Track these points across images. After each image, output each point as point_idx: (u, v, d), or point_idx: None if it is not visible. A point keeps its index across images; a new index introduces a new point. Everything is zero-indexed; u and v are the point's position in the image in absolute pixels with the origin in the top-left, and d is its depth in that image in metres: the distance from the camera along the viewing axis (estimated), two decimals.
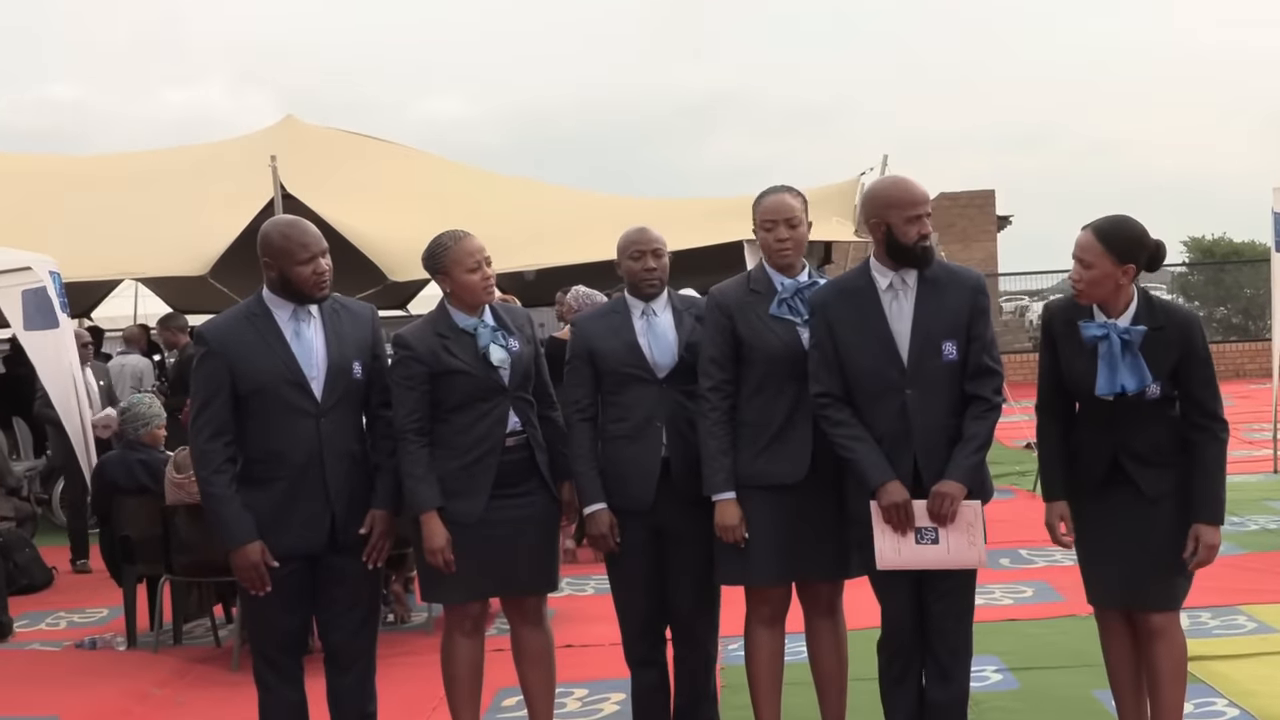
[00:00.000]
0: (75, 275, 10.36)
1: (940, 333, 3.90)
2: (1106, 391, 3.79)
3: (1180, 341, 3.80)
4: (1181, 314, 3.92)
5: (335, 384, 4.01)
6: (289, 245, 3.96)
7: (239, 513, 3.92)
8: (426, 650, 5.95)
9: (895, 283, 3.94)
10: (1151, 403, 3.82)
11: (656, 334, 4.27)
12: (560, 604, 6.85)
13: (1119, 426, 3.85)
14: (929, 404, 3.89)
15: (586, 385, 4.30)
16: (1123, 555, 3.88)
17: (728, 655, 4.49)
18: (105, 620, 7.33)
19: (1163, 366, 3.78)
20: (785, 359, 4.06)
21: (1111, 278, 3.77)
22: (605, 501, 4.23)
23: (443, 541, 4.08)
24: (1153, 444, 3.84)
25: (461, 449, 4.13)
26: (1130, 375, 3.76)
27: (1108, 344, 3.77)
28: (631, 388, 4.24)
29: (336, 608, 4.09)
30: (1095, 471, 3.90)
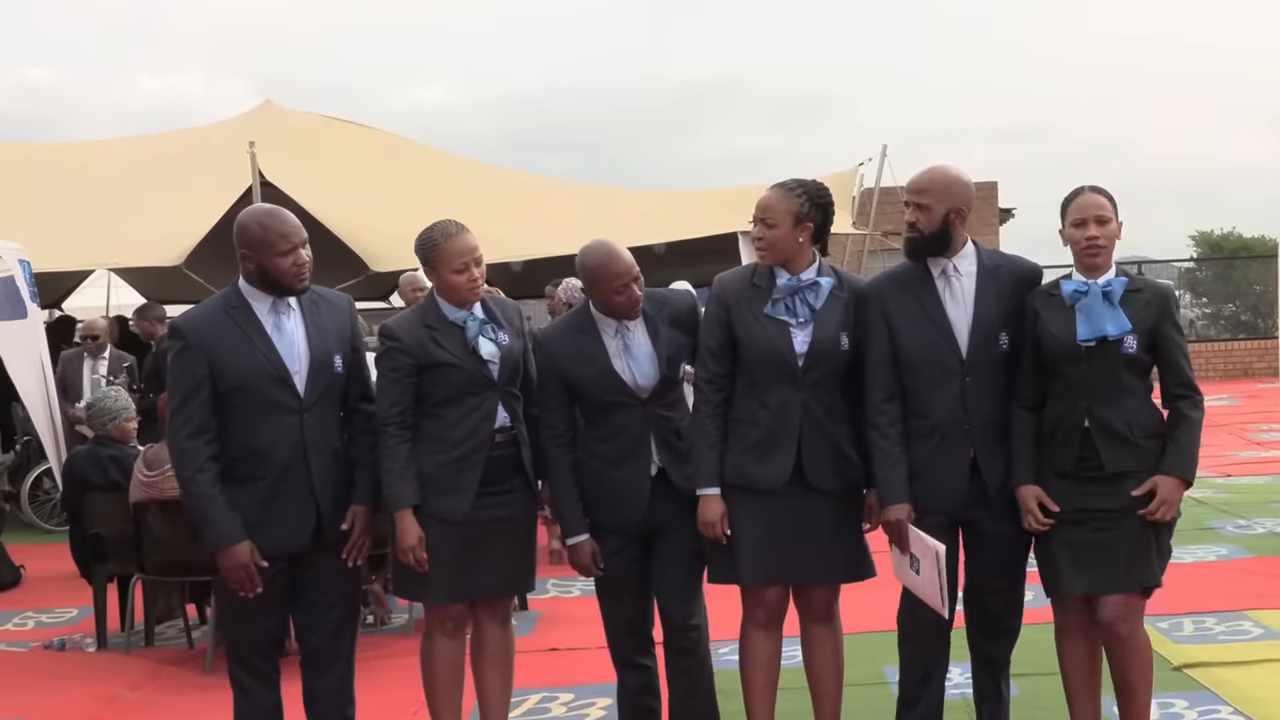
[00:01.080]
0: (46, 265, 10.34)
1: (998, 322, 4.03)
2: (1086, 336, 3.89)
3: (1158, 304, 3.95)
4: (1159, 284, 4.12)
5: (318, 378, 4.01)
6: (268, 236, 3.94)
7: (225, 512, 3.90)
8: (407, 652, 5.93)
9: (948, 270, 4.06)
10: (1126, 369, 3.91)
11: (634, 355, 4.22)
12: (545, 606, 6.87)
13: (1091, 393, 3.92)
14: (986, 393, 4.03)
15: (561, 410, 4.26)
16: (1084, 545, 3.94)
17: (719, 659, 4.48)
18: (75, 620, 7.31)
19: (1140, 324, 3.91)
20: (772, 361, 4.06)
21: (1118, 230, 3.99)
22: (588, 532, 4.24)
23: (415, 540, 4.08)
24: (1125, 417, 3.91)
25: (449, 444, 4.13)
26: (1111, 321, 3.89)
27: (1087, 297, 3.91)
28: (616, 412, 4.22)
29: (315, 608, 4.09)
30: (1065, 453, 3.96)
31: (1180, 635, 5.72)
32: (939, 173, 4.08)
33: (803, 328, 4.06)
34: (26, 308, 8.61)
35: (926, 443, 4.07)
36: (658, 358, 4.22)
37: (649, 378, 4.21)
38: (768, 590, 4.16)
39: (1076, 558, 3.97)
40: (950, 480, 4.06)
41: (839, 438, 4.11)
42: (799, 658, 4.36)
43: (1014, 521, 4.10)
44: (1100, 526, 3.93)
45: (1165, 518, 3.91)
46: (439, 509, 4.11)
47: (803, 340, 4.06)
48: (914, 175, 4.11)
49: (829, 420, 4.09)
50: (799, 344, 4.06)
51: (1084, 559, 3.96)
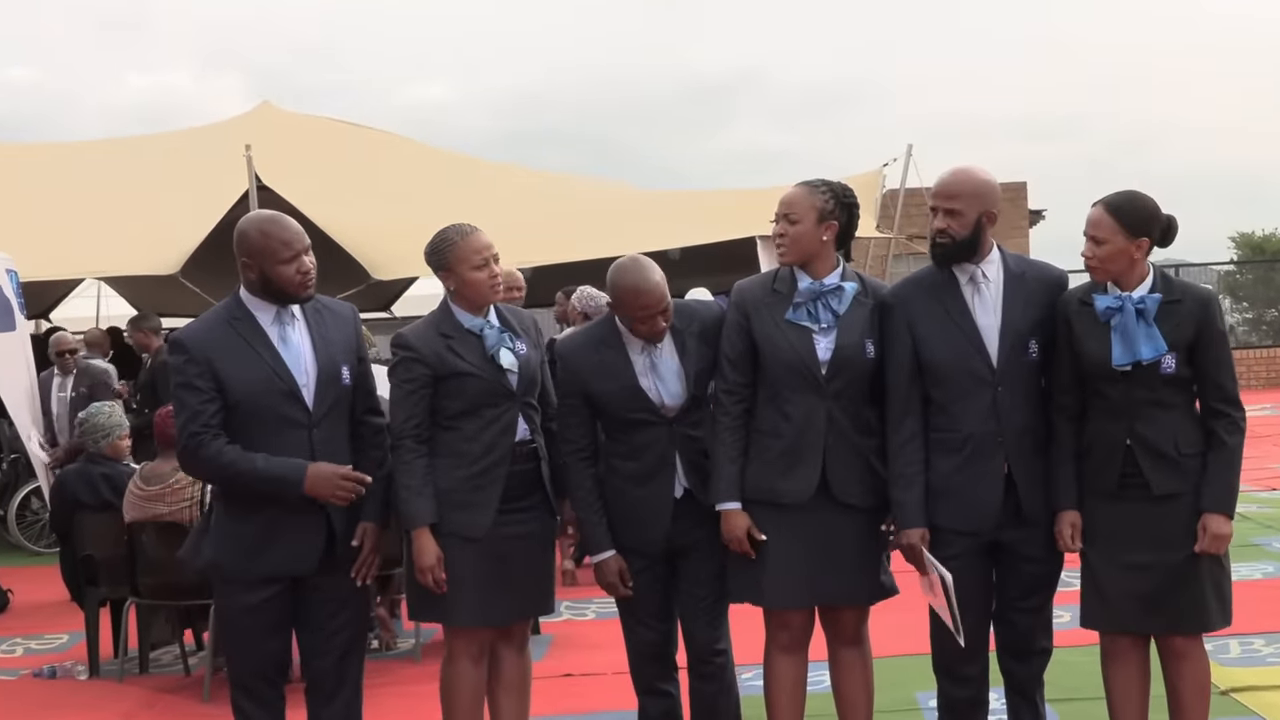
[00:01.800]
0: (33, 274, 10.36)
1: (1027, 330, 4.04)
2: (1123, 361, 3.86)
3: (1197, 315, 3.88)
4: (1199, 290, 4.02)
5: (326, 391, 4.01)
6: (269, 244, 3.94)
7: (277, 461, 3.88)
8: (413, 679, 5.96)
9: (976, 276, 4.05)
10: (1166, 386, 3.87)
11: (661, 373, 4.22)
12: (559, 629, 6.86)
13: (1132, 413, 3.90)
14: (1019, 402, 4.04)
15: (583, 425, 4.27)
16: (1139, 570, 3.91)
17: (744, 685, 4.46)
18: (65, 647, 7.30)
19: (1178, 339, 3.86)
20: (795, 369, 4.06)
21: (1125, 253, 3.89)
22: (613, 548, 4.24)
23: (434, 559, 4.07)
24: (1167, 435, 3.89)
25: (469, 458, 4.13)
26: (1146, 343, 3.85)
27: (1121, 315, 3.87)
28: (640, 430, 4.23)
29: (322, 631, 4.08)
30: (1108, 472, 3.94)
31: (1227, 658, 5.69)
32: (968, 175, 4.07)
33: (825, 334, 4.07)
34: (15, 319, 8.62)
35: (956, 457, 4.06)
36: (685, 375, 4.22)
37: (676, 396, 4.21)
38: (792, 612, 4.15)
39: (1127, 592, 3.94)
40: (983, 497, 4.05)
41: (866, 450, 4.10)
42: (826, 683, 4.36)
43: (1048, 541, 4.09)
44: (1151, 560, 3.89)
45: (1215, 552, 3.89)
46: (459, 526, 4.11)
47: (826, 347, 4.06)
48: (941, 179, 4.09)
49: (855, 431, 4.09)
50: (822, 351, 4.05)
51: (1135, 594, 3.92)
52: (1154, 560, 3.89)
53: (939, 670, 4.28)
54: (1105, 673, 4.11)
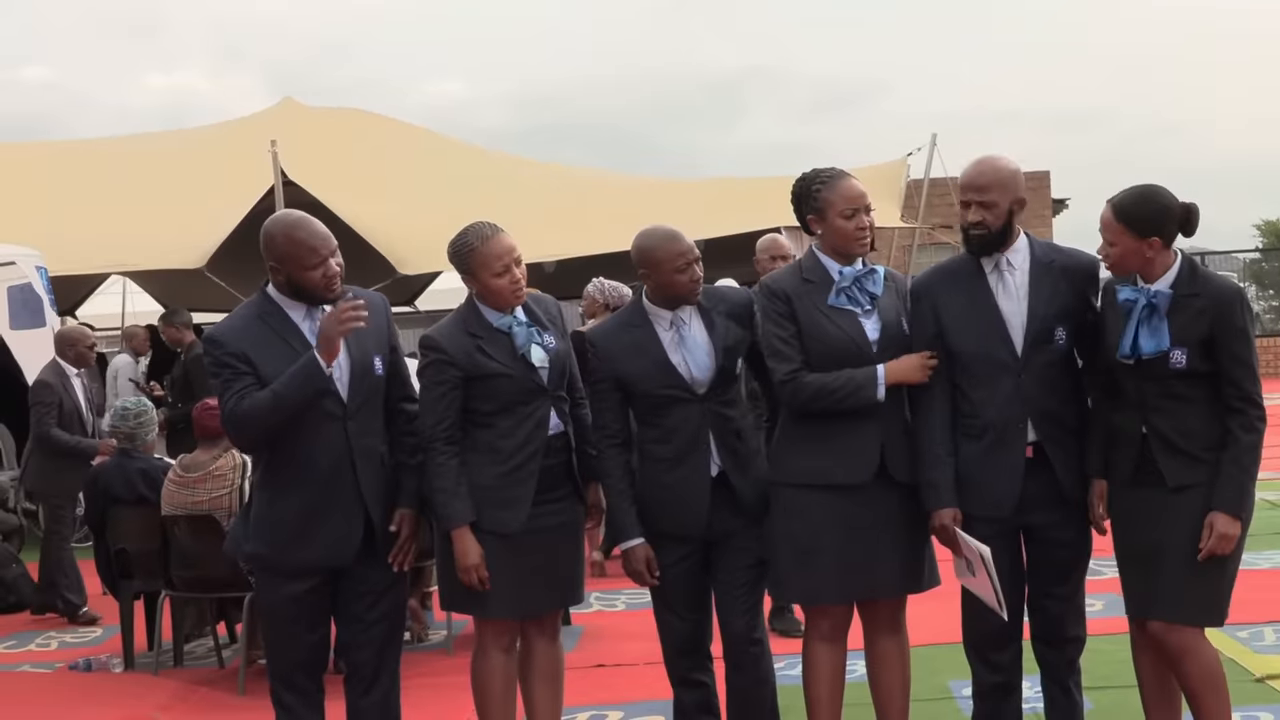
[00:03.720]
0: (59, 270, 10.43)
1: (1054, 316, 4.05)
2: (1125, 353, 3.89)
3: (1212, 311, 3.84)
4: (1220, 284, 3.97)
5: (360, 383, 4.04)
6: (296, 250, 3.97)
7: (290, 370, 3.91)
8: (446, 671, 5.98)
9: (1001, 264, 4.09)
10: (1181, 379, 3.86)
11: (690, 347, 4.23)
12: (589, 620, 6.88)
13: (1146, 404, 3.91)
14: (1043, 389, 4.06)
15: (615, 410, 4.28)
16: (1144, 558, 3.94)
17: (780, 675, 4.47)
18: (100, 640, 7.36)
19: (1190, 334, 3.84)
20: (848, 350, 4.08)
21: (1136, 253, 3.89)
22: (642, 536, 4.25)
23: (477, 559, 4.09)
24: (1181, 428, 3.88)
25: (504, 454, 4.15)
26: (1148, 337, 3.86)
27: (1134, 309, 3.89)
28: (671, 409, 4.24)
29: (360, 622, 4.11)
30: (1125, 461, 3.97)
31: (1261, 645, 5.68)
32: (995, 166, 4.09)
33: (869, 316, 4.11)
34: (45, 316, 8.68)
35: (978, 444, 4.09)
36: (714, 349, 4.23)
37: (705, 370, 4.22)
38: (838, 604, 4.16)
39: (1137, 577, 3.97)
40: (1003, 484, 4.07)
41: (911, 427, 4.14)
42: (860, 671, 4.36)
43: (1077, 525, 4.12)
44: (1157, 548, 3.90)
45: (1223, 554, 3.86)
46: (495, 523, 4.13)
47: (873, 327, 4.11)
48: (968, 172, 4.12)
49: (903, 408, 4.13)
50: (870, 331, 4.10)
51: (1143, 578, 3.95)
52: (1159, 548, 3.90)
53: (972, 656, 4.30)
54: (1135, 661, 4.13)
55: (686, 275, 4.20)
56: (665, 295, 4.25)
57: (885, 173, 11.92)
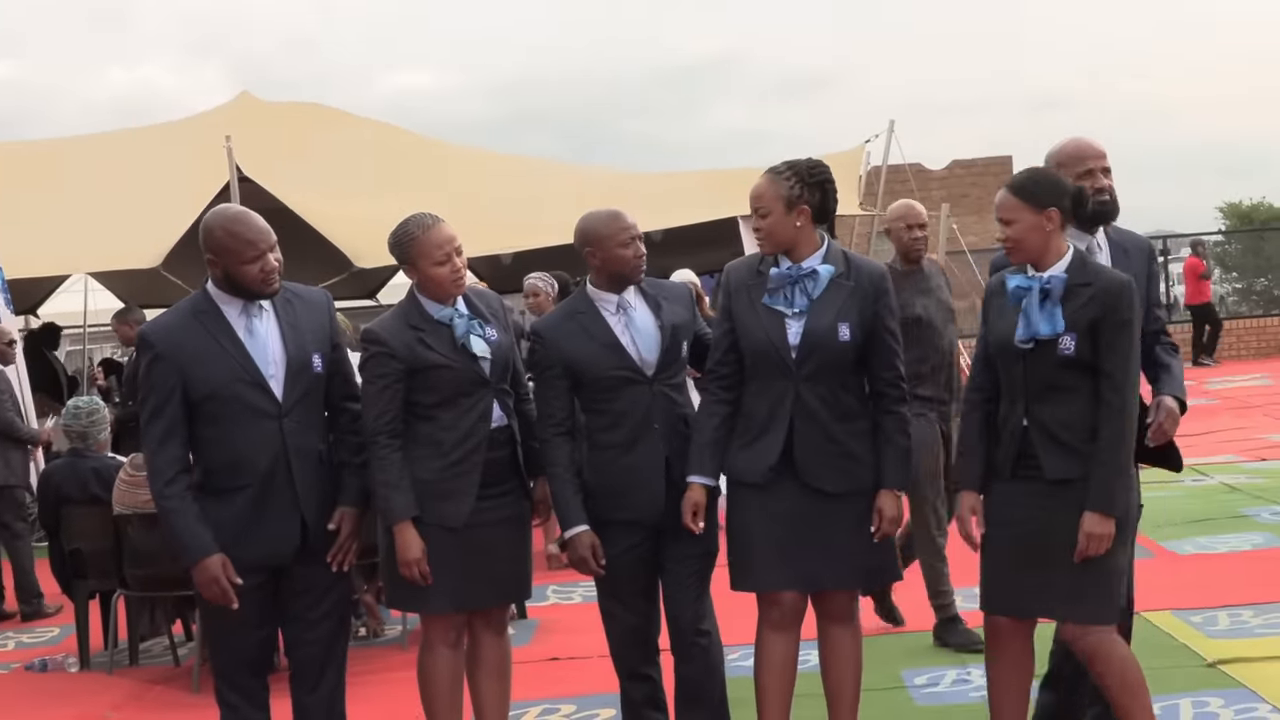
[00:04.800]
0: (18, 272, 10.36)
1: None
2: (1023, 336, 3.85)
3: (1103, 299, 3.81)
4: (1112, 275, 3.94)
5: (296, 381, 4.01)
6: (234, 243, 3.95)
7: (196, 525, 3.92)
8: (402, 665, 5.95)
9: (1091, 247, 4.14)
10: (1066, 369, 3.82)
11: (638, 328, 4.24)
12: (545, 614, 6.87)
13: (1030, 394, 3.87)
14: None
15: (562, 398, 4.26)
16: (1024, 555, 3.87)
17: (731, 666, 4.47)
18: (56, 640, 7.33)
19: (1080, 321, 3.81)
20: (764, 352, 4.05)
21: (1037, 229, 3.86)
22: (587, 523, 4.22)
23: (419, 553, 4.08)
24: (1063, 419, 3.84)
25: (446, 447, 4.13)
26: (1045, 321, 3.83)
27: (1029, 296, 3.86)
28: (620, 392, 4.22)
29: (304, 621, 4.09)
30: (1005, 453, 3.92)
31: (1215, 630, 5.70)
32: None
33: (797, 318, 4.05)
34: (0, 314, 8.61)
35: None
36: (661, 330, 4.25)
37: (653, 350, 4.23)
38: (783, 593, 4.13)
39: (1015, 576, 3.90)
40: None
41: (840, 435, 4.06)
42: (814, 661, 4.35)
43: None
44: (1038, 544, 3.84)
45: (1094, 554, 3.79)
46: (439, 516, 4.12)
47: (796, 331, 4.05)
48: (1083, 144, 4.21)
49: (828, 414, 4.05)
50: (792, 335, 4.04)
51: (1025, 578, 3.88)
52: (1042, 546, 3.84)
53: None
54: (988, 659, 4.04)
55: (630, 250, 4.22)
56: (610, 273, 4.25)
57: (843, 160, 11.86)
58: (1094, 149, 4.13)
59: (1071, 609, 3.85)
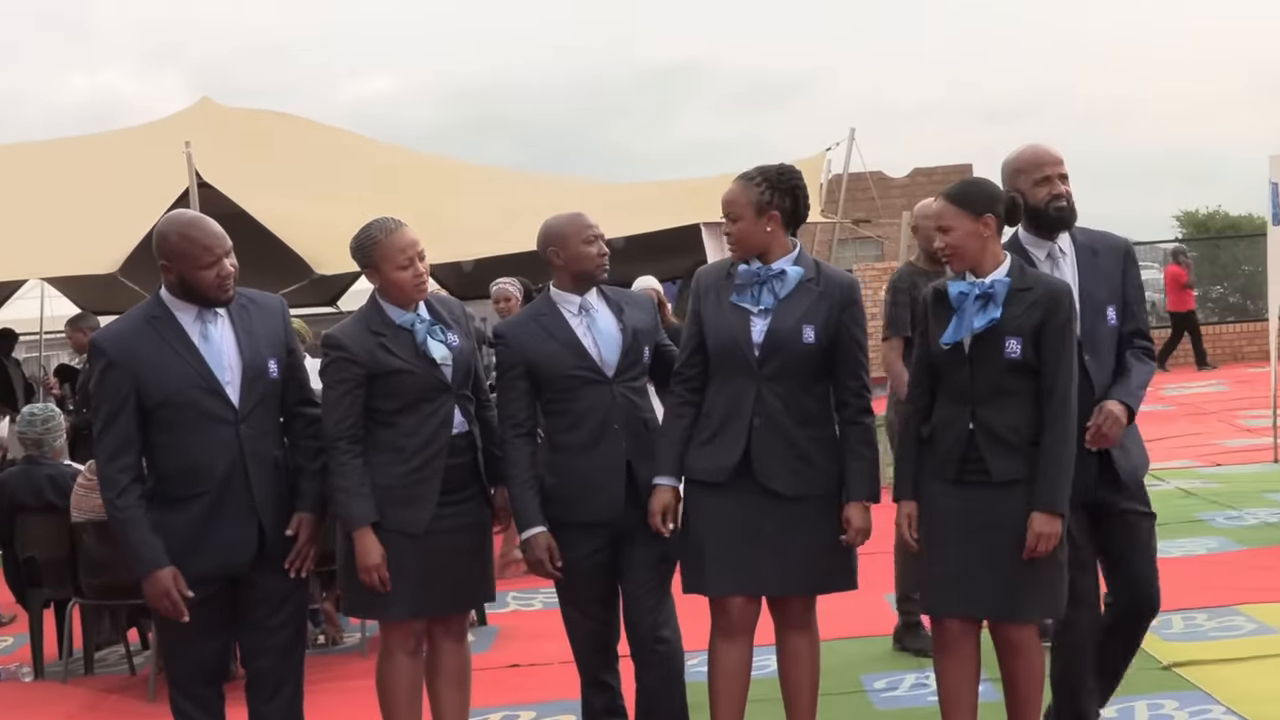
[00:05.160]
0: None
1: (1103, 297, 4.15)
2: (952, 338, 3.90)
3: (1046, 303, 3.89)
4: (1051, 280, 4.02)
5: (252, 386, 3.99)
6: (190, 248, 3.91)
7: (148, 536, 3.88)
8: (361, 674, 5.90)
9: (1053, 252, 4.16)
10: (1011, 373, 3.88)
11: (600, 329, 4.26)
12: (505, 620, 6.85)
13: (976, 398, 3.91)
14: (1103, 369, 4.12)
15: (522, 399, 4.28)
16: (971, 556, 3.92)
17: (690, 672, 4.46)
18: (10, 649, 7.25)
19: (1024, 325, 3.87)
20: (728, 349, 4.07)
21: (975, 235, 3.92)
22: (544, 525, 4.22)
23: (378, 559, 4.06)
24: (1009, 423, 3.89)
25: (407, 453, 4.12)
26: (980, 316, 3.88)
27: (967, 300, 3.91)
28: (581, 393, 4.23)
29: (261, 629, 4.05)
30: (951, 457, 3.95)
31: (1170, 633, 5.74)
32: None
33: (763, 316, 4.07)
34: None
35: None
36: (623, 333, 4.27)
37: (614, 351, 4.25)
38: (733, 598, 4.13)
39: (958, 577, 3.94)
40: (1080, 467, 3.99)
41: (799, 439, 4.08)
42: (772, 667, 4.35)
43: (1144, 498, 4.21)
44: (983, 546, 3.90)
45: (1044, 551, 3.86)
46: (399, 522, 4.10)
47: (761, 329, 4.06)
48: (1040, 151, 4.20)
49: (787, 417, 4.06)
50: (756, 333, 4.06)
51: (971, 580, 3.93)
52: (986, 546, 3.89)
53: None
54: (936, 661, 4.11)
55: (594, 248, 4.26)
56: (574, 273, 4.27)
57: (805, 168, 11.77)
58: (1051, 155, 4.16)
59: (1017, 608, 3.92)
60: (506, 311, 8.26)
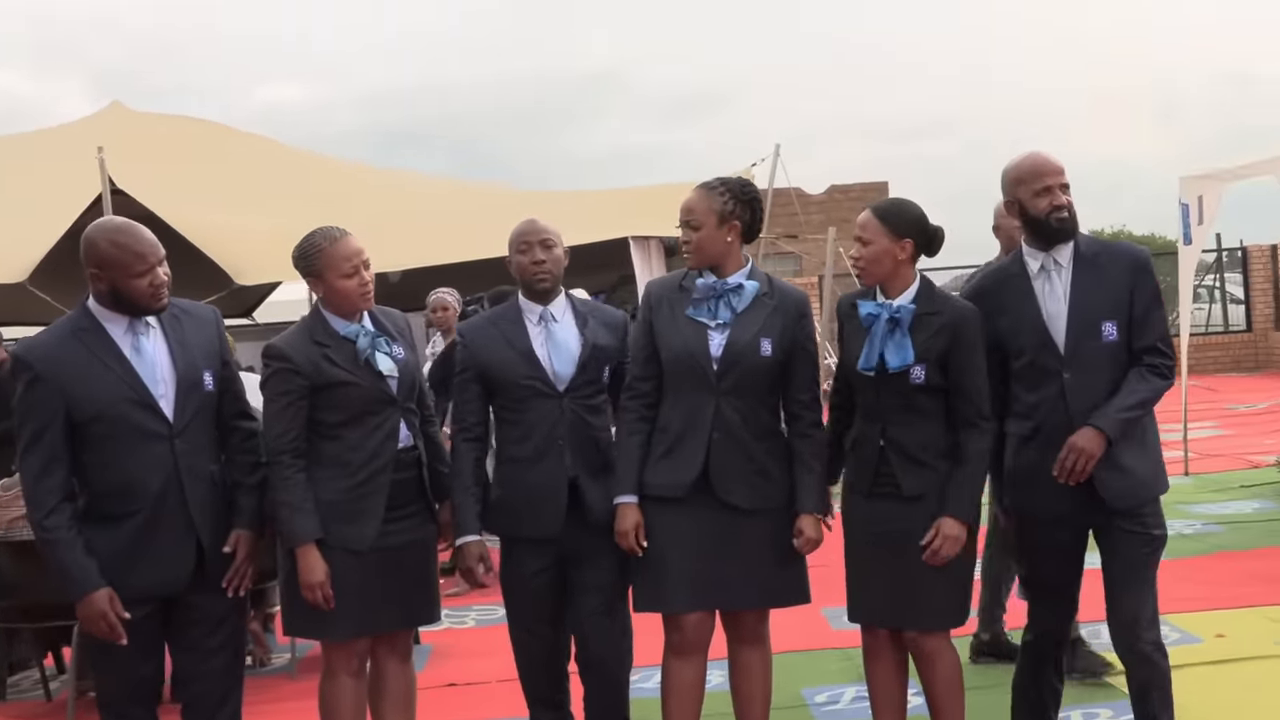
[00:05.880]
0: None
1: (1099, 312, 3.97)
2: (865, 366, 3.97)
3: (952, 329, 3.96)
4: (960, 305, 4.07)
5: (187, 400, 3.86)
6: (122, 256, 3.77)
7: (81, 557, 3.73)
8: (289, 695, 5.81)
9: (1047, 264, 4.05)
10: (919, 393, 3.95)
11: (556, 341, 4.22)
12: (438, 639, 6.73)
13: (885, 416, 3.98)
14: (1089, 387, 3.96)
15: (475, 403, 4.26)
16: (883, 568, 4.01)
17: (635, 688, 4.41)
18: None
19: (931, 350, 3.94)
20: (685, 363, 4.04)
21: (889, 254, 3.97)
22: (478, 533, 4.19)
23: (322, 575, 3.96)
24: (919, 440, 3.97)
25: (352, 467, 4.03)
26: (894, 352, 3.92)
27: (877, 323, 3.95)
28: (531, 404, 4.19)
29: (198, 651, 3.91)
30: (864, 471, 4.03)
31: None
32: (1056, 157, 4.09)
33: (720, 330, 4.05)
34: None
35: (1031, 448, 4.04)
36: (583, 348, 4.22)
37: (569, 366, 4.21)
38: (688, 615, 4.08)
39: (877, 588, 4.04)
40: (1059, 485, 3.96)
41: (756, 452, 4.07)
42: (717, 680, 4.32)
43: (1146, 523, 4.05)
44: (896, 557, 3.98)
45: (947, 555, 3.93)
46: (343, 539, 4.00)
47: (719, 344, 4.04)
48: (1039, 160, 4.04)
49: (745, 430, 4.05)
50: (714, 347, 4.03)
51: (883, 590, 4.03)
52: (898, 557, 3.97)
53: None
54: (866, 669, 4.21)
55: (526, 256, 4.25)
56: (520, 281, 4.28)
57: None
58: (1051, 164, 4.04)
59: (921, 618, 4.01)
60: (444, 321, 8.21)
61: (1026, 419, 4.05)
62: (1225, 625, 5.74)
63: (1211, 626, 5.61)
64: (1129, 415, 3.94)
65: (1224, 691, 5.06)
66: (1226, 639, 5.63)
